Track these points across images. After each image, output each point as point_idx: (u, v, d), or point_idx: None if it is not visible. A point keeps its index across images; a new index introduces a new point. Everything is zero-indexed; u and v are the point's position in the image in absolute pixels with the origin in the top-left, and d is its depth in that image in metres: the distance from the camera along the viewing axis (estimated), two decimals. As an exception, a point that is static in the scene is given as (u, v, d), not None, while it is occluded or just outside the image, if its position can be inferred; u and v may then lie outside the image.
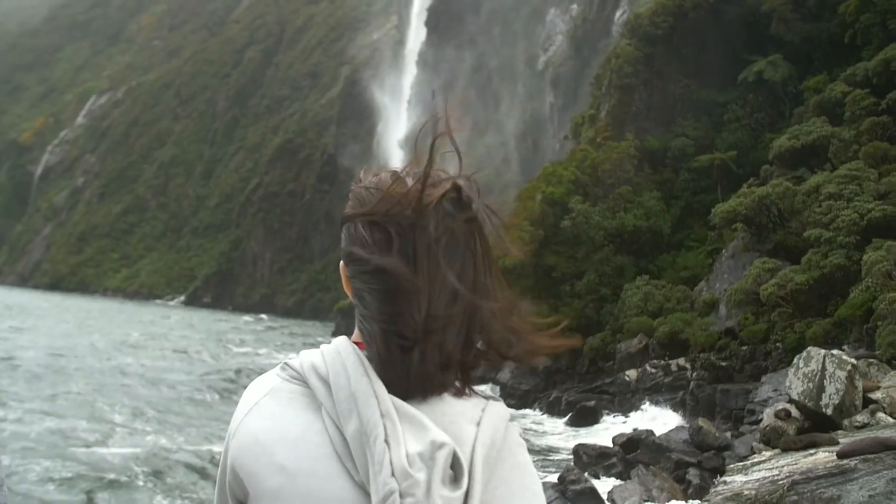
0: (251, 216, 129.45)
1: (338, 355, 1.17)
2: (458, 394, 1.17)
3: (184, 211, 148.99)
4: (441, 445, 1.08)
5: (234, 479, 1.20)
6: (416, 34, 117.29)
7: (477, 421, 1.15)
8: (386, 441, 1.07)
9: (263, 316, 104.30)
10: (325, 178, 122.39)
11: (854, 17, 32.44)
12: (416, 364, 1.13)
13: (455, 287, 1.15)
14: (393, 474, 1.04)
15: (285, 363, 1.23)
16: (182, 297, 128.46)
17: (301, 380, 1.19)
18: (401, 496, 1.03)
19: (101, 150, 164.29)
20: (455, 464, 1.08)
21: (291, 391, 1.19)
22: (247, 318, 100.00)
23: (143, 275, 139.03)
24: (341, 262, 1.26)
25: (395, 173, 1.21)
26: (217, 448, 20.41)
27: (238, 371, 38.65)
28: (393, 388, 1.13)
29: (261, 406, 1.20)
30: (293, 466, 1.12)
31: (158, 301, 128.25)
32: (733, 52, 39.01)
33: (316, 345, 1.27)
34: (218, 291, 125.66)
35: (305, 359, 1.21)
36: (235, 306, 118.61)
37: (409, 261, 1.14)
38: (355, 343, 1.21)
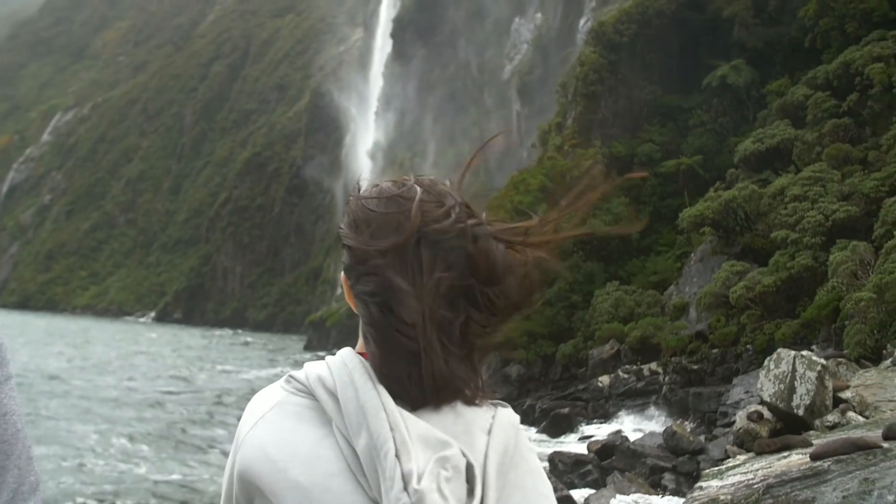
0: (220, 230, 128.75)
1: (344, 367, 1.17)
2: (469, 402, 1.17)
3: (152, 227, 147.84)
4: (452, 457, 1.08)
5: (242, 492, 1.18)
6: (383, 45, 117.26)
7: (488, 429, 1.16)
8: (396, 456, 1.06)
9: (240, 331, 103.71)
10: (293, 190, 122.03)
11: (813, 22, 32.95)
12: (424, 375, 1.13)
13: (458, 295, 1.16)
14: (405, 489, 1.04)
15: (290, 375, 1.22)
16: (153, 314, 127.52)
17: (307, 392, 1.18)
18: None
19: (67, 167, 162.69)
20: (469, 474, 1.09)
21: (297, 404, 1.18)
22: (220, 332, 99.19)
23: (113, 292, 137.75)
24: (342, 274, 1.26)
25: (397, 184, 1.23)
26: (194, 474, 20.20)
27: (211, 390, 38.29)
28: (400, 400, 1.13)
29: (268, 419, 1.18)
30: (308, 483, 1.11)
31: (129, 318, 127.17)
32: (696, 58, 39.44)
33: (295, 361, 1.25)
34: (189, 307, 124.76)
35: (311, 371, 1.20)
36: (206, 321, 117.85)
37: (413, 272, 1.15)
38: (359, 354, 1.20)
